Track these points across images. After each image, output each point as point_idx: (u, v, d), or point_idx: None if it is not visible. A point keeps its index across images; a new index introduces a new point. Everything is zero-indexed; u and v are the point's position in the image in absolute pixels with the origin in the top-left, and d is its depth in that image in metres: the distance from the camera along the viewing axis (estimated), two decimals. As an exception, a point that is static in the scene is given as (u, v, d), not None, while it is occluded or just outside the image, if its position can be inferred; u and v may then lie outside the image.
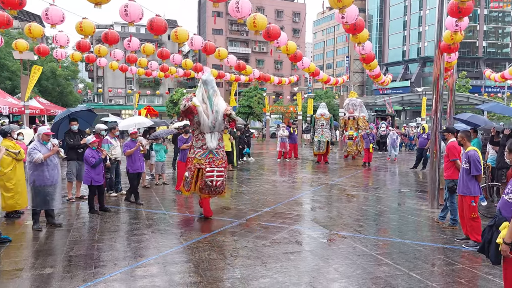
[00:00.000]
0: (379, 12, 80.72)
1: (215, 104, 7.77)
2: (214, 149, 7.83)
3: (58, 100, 37.78)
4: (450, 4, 7.77)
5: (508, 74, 15.14)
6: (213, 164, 7.79)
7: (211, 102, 7.72)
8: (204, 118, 7.64)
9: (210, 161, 7.79)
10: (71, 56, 16.21)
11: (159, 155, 11.88)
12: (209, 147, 7.78)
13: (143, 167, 9.49)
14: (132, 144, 9.15)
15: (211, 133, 7.84)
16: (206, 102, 7.71)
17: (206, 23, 66.36)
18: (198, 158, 7.79)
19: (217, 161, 7.86)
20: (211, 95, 7.75)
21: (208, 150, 7.79)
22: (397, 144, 20.58)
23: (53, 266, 5.30)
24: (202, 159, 7.79)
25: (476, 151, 6.41)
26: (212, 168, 7.77)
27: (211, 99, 7.74)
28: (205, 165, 7.76)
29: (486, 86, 56.06)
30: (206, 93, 7.76)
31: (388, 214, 8.56)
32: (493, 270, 5.19)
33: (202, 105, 7.68)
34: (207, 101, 7.72)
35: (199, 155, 7.80)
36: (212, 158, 7.82)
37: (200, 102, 7.68)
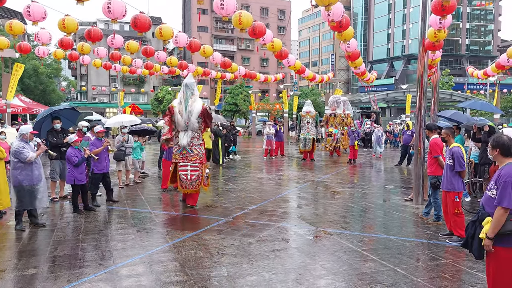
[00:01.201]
0: (364, 10, 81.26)
1: (189, 105, 8.55)
2: (187, 146, 8.57)
3: (40, 99, 37.19)
4: (434, 2, 7.85)
5: (490, 71, 15.39)
6: (186, 159, 8.60)
7: (186, 104, 8.54)
8: (178, 117, 8.50)
9: (183, 157, 8.62)
10: (53, 53, 15.94)
11: (135, 153, 11.66)
12: (181, 144, 8.57)
13: (108, 167, 9.27)
14: (98, 143, 8.82)
15: (185, 131, 8.61)
16: (182, 103, 8.55)
17: (191, 21, 65.97)
18: (174, 153, 8.72)
19: (191, 157, 8.62)
20: (188, 97, 8.59)
21: (182, 146, 8.58)
22: (382, 141, 20.78)
23: (37, 266, 5.21)
24: (177, 155, 8.67)
25: (460, 147, 6.50)
26: (185, 163, 8.59)
27: (187, 100, 8.58)
28: (179, 160, 8.62)
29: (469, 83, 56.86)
30: (184, 95, 8.59)
31: (373, 210, 8.64)
32: (476, 264, 5.27)
33: (179, 106, 8.54)
34: (184, 102, 8.56)
35: (175, 150, 8.71)
36: (185, 154, 8.61)
37: (177, 103, 8.59)
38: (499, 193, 3.50)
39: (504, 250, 3.54)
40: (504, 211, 3.45)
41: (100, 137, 8.92)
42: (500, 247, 3.53)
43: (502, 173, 3.56)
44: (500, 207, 3.46)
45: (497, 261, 3.60)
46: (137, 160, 11.84)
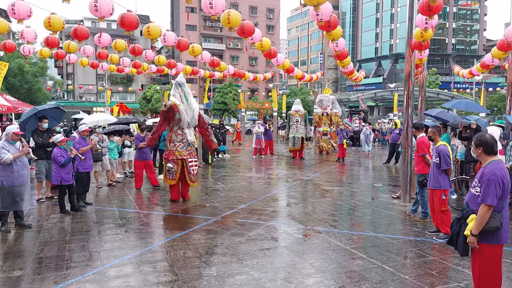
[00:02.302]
0: (352, 9, 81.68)
1: (190, 103, 8.92)
2: (192, 142, 9.02)
3: (26, 98, 36.69)
4: (421, 2, 7.92)
5: (475, 71, 15.56)
6: (191, 155, 9.02)
7: (188, 102, 8.87)
8: (184, 115, 8.75)
9: (189, 153, 8.98)
10: (39, 52, 15.70)
11: (112, 152, 11.59)
12: (189, 140, 8.90)
13: (92, 166, 9.27)
14: (84, 142, 8.79)
15: (189, 128, 8.99)
16: (184, 102, 8.81)
17: (180, 19, 65.65)
18: (180, 151, 8.86)
19: (193, 153, 9.16)
20: (186, 95, 8.89)
21: (187, 143, 8.91)
22: (370, 139, 20.93)
23: (23, 268, 5.15)
24: (183, 151, 8.88)
25: (446, 145, 6.57)
26: (191, 159, 9.00)
27: (188, 99, 8.88)
28: (187, 157, 8.90)
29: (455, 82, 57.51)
30: (182, 94, 8.84)
31: (362, 208, 8.70)
32: (462, 261, 5.34)
33: (182, 104, 8.77)
34: (185, 100, 8.83)
35: (180, 147, 8.87)
36: (191, 150, 9.04)
37: (179, 102, 8.75)
38: (482, 190, 3.56)
39: (488, 247, 3.60)
40: (487, 208, 3.51)
41: (84, 136, 8.88)
42: (485, 244, 3.59)
43: (485, 171, 3.61)
44: (484, 204, 3.52)
45: (482, 258, 3.65)
46: (114, 160, 11.76)
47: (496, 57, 12.07)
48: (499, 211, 3.57)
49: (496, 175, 3.52)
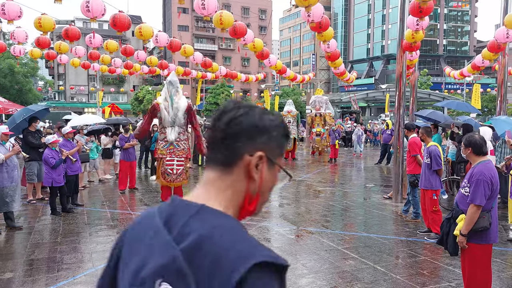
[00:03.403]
0: (344, 10, 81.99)
1: (175, 102, 8.80)
2: (174, 141, 8.82)
3: (16, 98, 36.40)
4: (412, 3, 7.99)
5: (466, 72, 15.72)
6: (173, 154, 8.84)
7: (172, 100, 8.79)
8: (165, 114, 8.71)
9: (170, 152, 8.84)
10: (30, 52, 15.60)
11: (91, 153, 11.52)
12: (169, 140, 8.79)
13: (81, 168, 9.25)
14: (68, 143, 8.66)
15: (171, 127, 8.85)
16: (168, 100, 8.77)
17: (172, 20, 65.47)
18: (161, 149, 8.86)
19: (178, 152, 8.88)
20: (172, 94, 8.82)
21: (169, 142, 8.80)
22: (362, 140, 21.02)
23: (13, 270, 5.11)
24: (163, 150, 8.84)
25: (437, 146, 6.63)
26: (172, 158, 8.82)
27: (172, 97, 8.81)
28: (166, 155, 8.82)
29: (447, 83, 57.97)
30: (168, 92, 8.81)
31: (354, 209, 8.74)
32: (453, 261, 5.39)
33: (164, 102, 8.73)
34: (169, 99, 8.77)
35: (161, 146, 8.87)
36: (173, 149, 8.85)
37: (162, 100, 8.77)
38: (472, 191, 3.59)
39: (477, 247, 3.64)
40: (476, 208, 3.55)
41: (69, 138, 8.77)
42: (474, 244, 3.63)
43: (474, 171, 3.65)
44: (473, 204, 3.56)
45: (471, 257, 3.69)
46: (94, 160, 11.73)
47: (487, 58, 12.20)
48: (488, 211, 3.61)
49: (485, 175, 3.56)
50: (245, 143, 1.00)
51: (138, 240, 1.00)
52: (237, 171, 1.01)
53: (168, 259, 0.89)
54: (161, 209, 1.02)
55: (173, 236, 0.92)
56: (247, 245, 0.89)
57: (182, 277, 0.87)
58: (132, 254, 0.99)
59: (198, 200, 0.99)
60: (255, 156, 1.00)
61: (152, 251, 0.94)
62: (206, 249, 0.88)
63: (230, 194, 1.01)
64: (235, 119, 1.01)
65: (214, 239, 0.89)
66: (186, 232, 0.91)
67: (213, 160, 1.04)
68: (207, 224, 0.92)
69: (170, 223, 0.95)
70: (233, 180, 1.01)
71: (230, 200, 1.01)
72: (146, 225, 1.01)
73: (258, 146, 1.01)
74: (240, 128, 1.00)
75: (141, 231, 1.01)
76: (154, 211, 1.03)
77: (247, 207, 1.04)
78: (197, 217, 0.94)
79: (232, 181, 1.01)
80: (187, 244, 0.89)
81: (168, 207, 1.00)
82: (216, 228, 0.91)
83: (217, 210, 0.97)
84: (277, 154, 1.05)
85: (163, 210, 1.00)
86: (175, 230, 0.93)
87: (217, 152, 1.02)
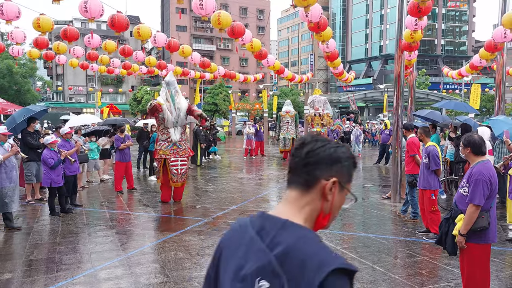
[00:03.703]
0: (342, 10, 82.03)
1: (177, 102, 8.89)
2: (178, 142, 8.95)
3: (15, 99, 36.33)
4: (410, 3, 8.00)
5: (464, 72, 15.73)
6: (177, 154, 8.96)
7: (173, 101, 8.86)
8: (168, 114, 8.73)
9: (174, 152, 8.94)
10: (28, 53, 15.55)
11: (92, 153, 11.62)
12: (173, 140, 8.89)
13: (79, 168, 9.27)
14: (67, 144, 8.64)
15: (174, 127, 8.96)
16: (169, 101, 8.81)
17: (170, 20, 65.42)
18: (164, 150, 8.88)
19: (181, 152, 9.03)
20: (173, 94, 8.88)
21: (172, 142, 8.90)
22: (361, 140, 21.03)
23: (12, 271, 5.10)
24: (167, 151, 8.88)
25: (435, 146, 6.64)
26: (176, 158, 8.94)
27: (174, 98, 8.88)
28: (170, 156, 8.88)
29: (445, 83, 58.05)
30: (169, 93, 8.85)
31: (352, 209, 8.74)
32: (452, 260, 5.40)
33: (166, 103, 8.78)
34: (170, 100, 8.82)
35: (164, 147, 8.90)
36: (176, 149, 8.96)
37: (164, 101, 8.77)
38: (470, 190, 3.60)
39: (476, 246, 3.64)
40: (475, 208, 3.56)
41: (68, 139, 8.76)
42: (473, 243, 3.64)
43: (473, 171, 3.66)
44: (472, 204, 3.56)
45: (470, 257, 3.70)
46: (94, 160, 11.78)
47: (484, 58, 12.22)
48: (487, 210, 3.62)
49: (483, 175, 3.57)
50: (322, 170, 1.23)
51: (236, 245, 1.25)
52: (314, 192, 1.24)
53: (264, 262, 1.14)
54: (252, 220, 1.27)
55: (265, 244, 1.17)
56: (326, 254, 1.13)
57: (276, 277, 1.11)
58: (232, 256, 1.25)
59: (282, 215, 1.22)
60: (330, 181, 1.23)
61: (249, 255, 1.18)
62: (294, 256, 1.12)
63: (308, 211, 1.25)
64: (314, 151, 1.25)
65: (299, 248, 1.13)
66: (276, 241, 1.15)
67: (294, 182, 1.27)
68: (292, 236, 1.16)
69: (261, 233, 1.20)
70: (311, 199, 1.24)
71: (308, 216, 1.25)
72: (241, 232, 1.27)
73: (333, 173, 1.24)
74: (318, 158, 1.24)
75: (238, 238, 1.27)
76: (247, 222, 1.28)
77: (321, 222, 1.29)
78: (283, 230, 1.17)
79: (309, 200, 1.24)
80: (278, 251, 1.13)
81: (258, 219, 1.25)
82: (300, 239, 1.15)
83: (298, 224, 1.20)
84: (347, 180, 1.28)
85: (254, 222, 1.26)
86: (267, 240, 1.17)
87: (298, 176, 1.26)
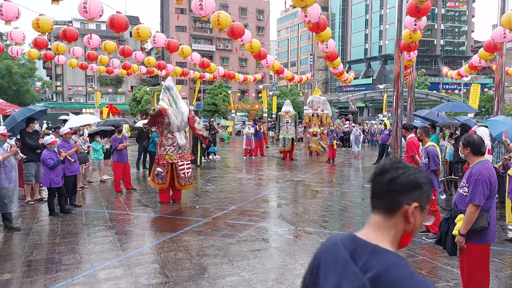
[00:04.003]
0: (342, 10, 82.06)
1: (180, 107, 8.95)
2: (183, 146, 9.02)
3: (14, 99, 36.31)
4: (409, 4, 8.00)
5: (464, 72, 15.75)
6: (183, 158, 9.01)
7: (176, 105, 8.89)
8: (174, 119, 8.78)
9: (180, 156, 8.97)
10: (27, 53, 15.55)
11: (97, 153, 11.65)
12: (179, 144, 8.93)
13: (79, 168, 9.26)
14: (67, 144, 8.62)
15: (179, 131, 9.01)
16: (173, 105, 8.85)
17: (169, 20, 65.42)
18: (170, 155, 8.88)
19: (185, 156, 9.11)
20: (175, 99, 8.93)
21: (178, 146, 8.93)
22: (360, 140, 21.04)
23: (12, 271, 5.10)
24: (173, 155, 8.90)
25: (435, 146, 6.64)
26: (182, 162, 9.01)
27: (176, 102, 8.91)
28: (177, 160, 8.91)
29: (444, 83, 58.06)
30: (171, 98, 8.88)
31: (352, 209, 8.75)
32: (451, 260, 5.40)
33: (170, 108, 8.79)
34: (173, 104, 8.86)
35: (170, 151, 8.90)
36: (182, 153, 9.02)
37: (167, 106, 8.78)
38: (470, 190, 3.60)
39: (476, 246, 3.64)
40: (475, 208, 3.56)
41: (67, 139, 8.75)
42: (472, 243, 3.64)
43: (473, 171, 3.66)
44: (472, 204, 3.57)
45: (470, 257, 3.70)
46: (98, 160, 11.81)
47: (483, 58, 12.23)
48: (486, 210, 3.62)
49: (483, 175, 3.57)
50: (405, 197, 1.36)
51: (333, 262, 1.38)
52: (398, 216, 1.37)
53: (359, 284, 1.26)
54: (343, 241, 1.40)
55: (359, 267, 1.29)
56: (414, 281, 1.25)
57: None
58: (329, 273, 1.38)
59: (371, 240, 1.35)
60: (412, 206, 1.36)
61: (344, 276, 1.31)
62: (385, 281, 1.24)
63: (393, 233, 1.38)
64: (396, 178, 1.37)
65: (390, 274, 1.25)
66: (368, 266, 1.28)
67: (378, 207, 1.41)
68: (383, 262, 1.28)
69: (354, 256, 1.33)
70: (395, 222, 1.38)
71: (393, 237, 1.38)
72: (335, 252, 1.40)
73: (414, 198, 1.37)
74: (400, 185, 1.36)
75: (333, 256, 1.40)
76: (338, 242, 1.41)
77: (405, 240, 1.41)
78: (374, 255, 1.30)
79: (394, 223, 1.38)
80: (371, 275, 1.25)
81: (349, 242, 1.38)
82: (391, 265, 1.27)
83: (388, 249, 1.33)
84: (426, 203, 1.41)
85: (346, 244, 1.38)
86: (360, 263, 1.30)
87: (381, 201, 1.40)
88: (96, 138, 11.74)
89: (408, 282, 1.23)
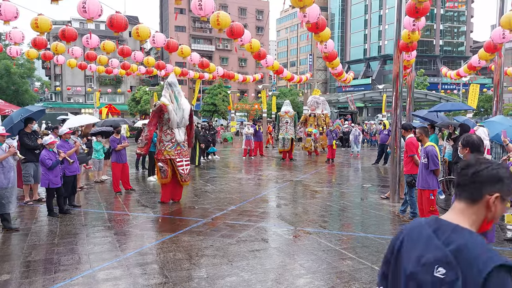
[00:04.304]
0: (341, 10, 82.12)
1: (181, 103, 8.95)
2: (182, 142, 9.03)
3: (13, 99, 36.30)
4: (408, 4, 8.00)
5: (463, 72, 15.76)
6: (181, 155, 9.02)
7: (177, 102, 8.88)
8: (173, 115, 8.77)
9: (178, 153, 8.98)
10: (26, 53, 15.55)
11: (98, 153, 11.67)
12: (178, 140, 8.93)
13: (79, 168, 9.28)
14: (66, 144, 8.57)
15: (178, 128, 8.99)
16: (174, 102, 8.83)
17: (169, 20, 65.40)
18: (168, 150, 8.89)
19: (184, 152, 9.13)
20: (177, 95, 8.91)
21: (177, 143, 8.94)
22: (360, 140, 21.05)
23: (10, 272, 5.08)
24: (171, 151, 8.89)
25: (434, 146, 6.64)
26: (181, 158, 9.02)
27: (178, 99, 8.90)
28: (175, 156, 8.91)
29: (443, 83, 58.18)
30: (172, 94, 8.88)
31: (351, 209, 8.75)
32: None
33: (171, 104, 8.78)
34: (174, 100, 8.85)
35: (168, 147, 8.90)
36: (180, 150, 9.02)
37: (168, 102, 8.79)
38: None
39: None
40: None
41: (67, 139, 8.72)
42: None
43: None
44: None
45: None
46: (99, 160, 11.84)
47: (483, 58, 12.24)
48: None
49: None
50: (487, 188, 1.53)
51: (416, 240, 1.60)
52: (480, 205, 1.55)
53: (441, 255, 1.47)
54: (427, 221, 1.63)
55: (441, 241, 1.51)
56: (491, 254, 1.41)
57: (451, 267, 1.44)
58: (413, 248, 1.59)
59: (453, 221, 1.56)
60: (493, 196, 1.52)
61: (428, 248, 1.53)
62: (465, 253, 1.43)
63: (474, 219, 1.57)
64: (479, 172, 1.55)
65: (469, 248, 1.44)
66: (450, 240, 1.49)
67: (462, 196, 1.59)
68: (463, 238, 1.48)
69: (437, 232, 1.54)
70: (477, 209, 1.56)
71: (474, 222, 1.57)
72: (419, 230, 1.61)
73: (495, 190, 1.53)
74: (483, 178, 1.54)
75: (416, 234, 1.61)
76: (422, 222, 1.64)
77: (485, 226, 1.59)
78: (455, 232, 1.51)
79: (476, 210, 1.56)
80: (452, 247, 1.46)
81: (433, 222, 1.60)
82: (470, 240, 1.46)
83: (467, 228, 1.52)
84: (507, 194, 1.56)
85: (430, 223, 1.61)
86: (442, 238, 1.51)
87: (466, 192, 1.57)
88: (97, 138, 11.73)
89: (486, 255, 1.40)
